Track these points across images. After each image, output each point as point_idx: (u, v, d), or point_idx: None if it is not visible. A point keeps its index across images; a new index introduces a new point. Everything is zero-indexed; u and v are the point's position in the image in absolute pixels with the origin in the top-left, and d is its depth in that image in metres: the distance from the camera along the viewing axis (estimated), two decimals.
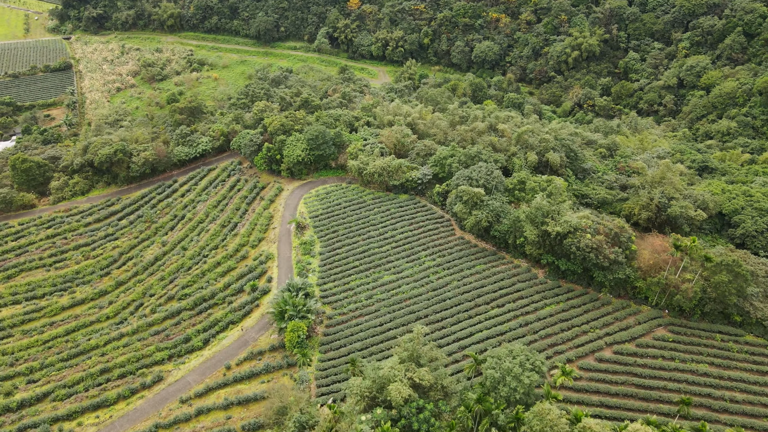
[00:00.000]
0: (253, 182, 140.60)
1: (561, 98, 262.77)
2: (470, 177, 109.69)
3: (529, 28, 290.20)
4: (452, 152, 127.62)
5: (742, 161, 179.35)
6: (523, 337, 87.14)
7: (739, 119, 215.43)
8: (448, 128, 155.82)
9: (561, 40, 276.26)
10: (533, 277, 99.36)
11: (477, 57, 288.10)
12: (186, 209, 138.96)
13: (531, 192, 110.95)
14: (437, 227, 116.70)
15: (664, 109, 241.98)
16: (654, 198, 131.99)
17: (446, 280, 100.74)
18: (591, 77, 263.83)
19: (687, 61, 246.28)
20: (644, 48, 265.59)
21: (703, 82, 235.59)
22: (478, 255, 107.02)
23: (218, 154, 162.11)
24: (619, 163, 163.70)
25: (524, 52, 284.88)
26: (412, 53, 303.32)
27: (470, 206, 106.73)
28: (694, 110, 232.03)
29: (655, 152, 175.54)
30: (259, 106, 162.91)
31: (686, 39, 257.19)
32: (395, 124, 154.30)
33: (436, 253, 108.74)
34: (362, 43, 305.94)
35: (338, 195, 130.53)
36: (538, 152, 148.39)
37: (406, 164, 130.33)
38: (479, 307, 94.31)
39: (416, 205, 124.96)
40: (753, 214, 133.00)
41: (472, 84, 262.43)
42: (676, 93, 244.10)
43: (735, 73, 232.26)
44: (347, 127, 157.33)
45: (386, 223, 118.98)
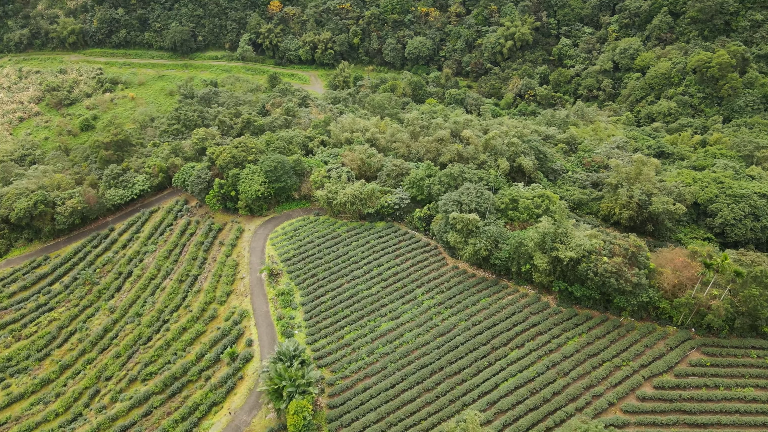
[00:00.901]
0: (207, 224, 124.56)
1: (501, 90, 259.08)
2: (459, 201, 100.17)
3: (459, 21, 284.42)
4: (429, 171, 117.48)
5: (693, 143, 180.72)
6: (554, 382, 78.90)
7: (677, 99, 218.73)
8: (410, 140, 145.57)
9: (494, 31, 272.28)
10: (545, 306, 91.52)
11: (410, 54, 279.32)
12: (132, 264, 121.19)
13: (526, 211, 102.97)
14: (426, 257, 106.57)
15: (604, 94, 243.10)
16: (634, 196, 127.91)
17: (452, 321, 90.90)
18: (528, 66, 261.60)
19: (619, 44, 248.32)
20: (575, 33, 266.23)
21: (637, 65, 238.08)
22: (479, 286, 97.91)
23: (158, 192, 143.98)
24: (584, 158, 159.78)
25: (458, 45, 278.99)
26: (342, 55, 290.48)
27: (465, 234, 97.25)
28: (632, 93, 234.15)
29: (613, 143, 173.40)
30: (198, 133, 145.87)
31: (615, 22, 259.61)
32: (354, 141, 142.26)
33: (433, 289, 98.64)
34: (289, 48, 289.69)
35: (308, 231, 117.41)
36: (509, 158, 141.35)
37: (379, 189, 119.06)
38: (497, 350, 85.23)
39: (397, 234, 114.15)
40: (728, 201, 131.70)
41: (410, 83, 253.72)
42: (612, 77, 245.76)
43: (666, 53, 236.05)
44: (302, 150, 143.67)
45: (369, 259, 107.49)
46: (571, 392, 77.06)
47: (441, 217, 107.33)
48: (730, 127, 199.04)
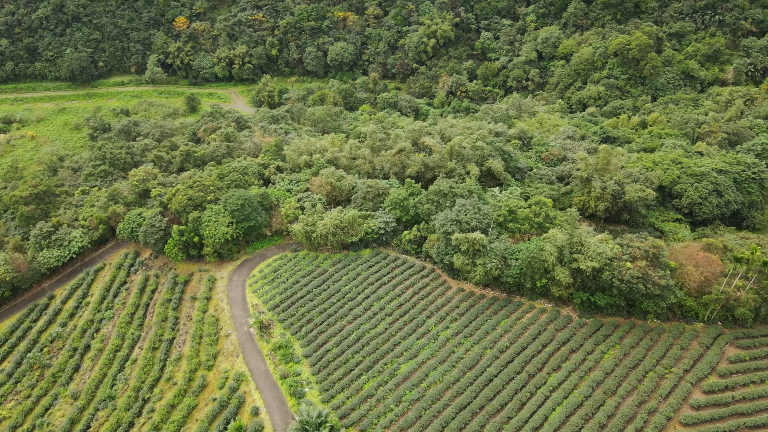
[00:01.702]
0: (169, 278, 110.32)
1: (432, 89, 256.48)
2: (458, 220, 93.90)
3: (378, 23, 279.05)
4: (411, 190, 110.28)
5: (633, 125, 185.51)
6: (603, 403, 74.63)
7: (604, 82, 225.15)
8: (371, 156, 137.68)
9: (415, 30, 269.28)
10: (568, 320, 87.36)
11: (333, 60, 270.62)
12: (87, 336, 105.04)
13: (526, 221, 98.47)
14: (426, 283, 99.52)
15: (532, 84, 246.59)
16: (608, 187, 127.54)
17: (477, 352, 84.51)
18: (454, 63, 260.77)
19: (539, 33, 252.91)
20: (495, 26, 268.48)
21: (560, 52, 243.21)
22: (493, 307, 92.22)
23: (99, 247, 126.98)
24: (542, 152, 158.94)
25: (380, 47, 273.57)
26: (261, 68, 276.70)
27: (471, 255, 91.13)
28: (560, 80, 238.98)
29: (562, 133, 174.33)
30: (137, 174, 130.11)
31: (531, 12, 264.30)
32: (314, 164, 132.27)
33: (445, 318, 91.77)
34: (203, 66, 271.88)
35: (290, 270, 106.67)
36: (477, 162, 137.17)
37: (359, 214, 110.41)
38: (533, 377, 79.88)
39: (387, 261, 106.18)
40: (690, 181, 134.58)
41: (340, 91, 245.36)
42: (538, 66, 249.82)
43: (586, 39, 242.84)
44: (258, 179, 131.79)
45: (365, 293, 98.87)
46: (625, 412, 73.05)
47: (437, 237, 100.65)
48: (658, 105, 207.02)
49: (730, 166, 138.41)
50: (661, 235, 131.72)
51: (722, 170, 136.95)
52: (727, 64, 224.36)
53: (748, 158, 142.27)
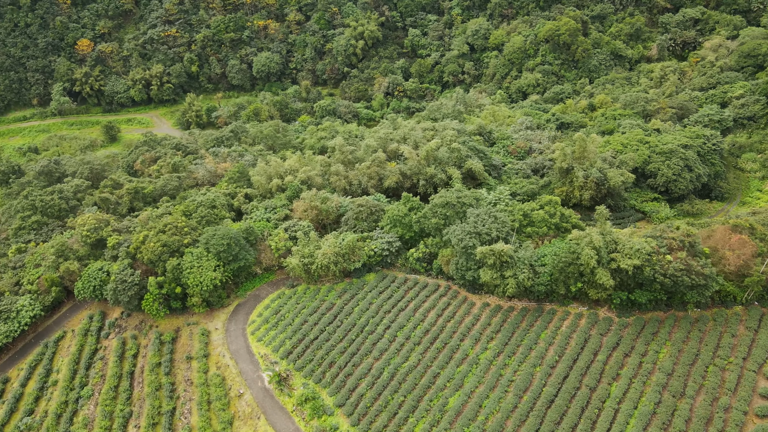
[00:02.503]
0: (153, 338, 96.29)
1: (368, 92, 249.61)
2: (477, 232, 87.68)
3: (301, 28, 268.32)
4: (411, 205, 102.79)
5: (581, 108, 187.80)
6: (676, 408, 71.11)
7: (539, 69, 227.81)
8: (346, 171, 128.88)
9: (341, 33, 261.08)
10: (609, 322, 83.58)
11: (259, 72, 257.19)
12: (64, 422, 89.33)
13: (543, 224, 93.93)
14: (447, 302, 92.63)
15: (469, 77, 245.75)
16: (591, 175, 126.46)
17: (526, 371, 78.80)
18: (386, 63, 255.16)
19: (468, 26, 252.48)
20: (421, 23, 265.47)
21: (492, 43, 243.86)
22: (527, 319, 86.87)
23: (52, 312, 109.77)
24: (508, 146, 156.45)
25: (307, 54, 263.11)
26: (183, 87, 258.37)
27: (499, 268, 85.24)
28: (496, 71, 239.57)
29: (520, 125, 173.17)
30: (87, 223, 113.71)
31: (456, 5, 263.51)
32: (287, 187, 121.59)
33: (479, 338, 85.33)
34: (117, 90, 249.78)
35: (292, 309, 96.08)
36: (455, 164, 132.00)
37: (357, 237, 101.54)
38: (595, 390, 75.22)
39: (397, 283, 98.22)
40: (661, 159, 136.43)
41: (274, 103, 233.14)
42: (471, 59, 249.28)
43: (515, 28, 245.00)
44: (228, 211, 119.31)
45: (384, 323, 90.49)
46: (701, 414, 69.91)
47: (451, 253, 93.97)
48: (596, 87, 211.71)
49: (692, 141, 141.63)
50: (643, 216, 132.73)
51: (687, 145, 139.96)
52: (649, 42, 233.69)
53: (706, 131, 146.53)
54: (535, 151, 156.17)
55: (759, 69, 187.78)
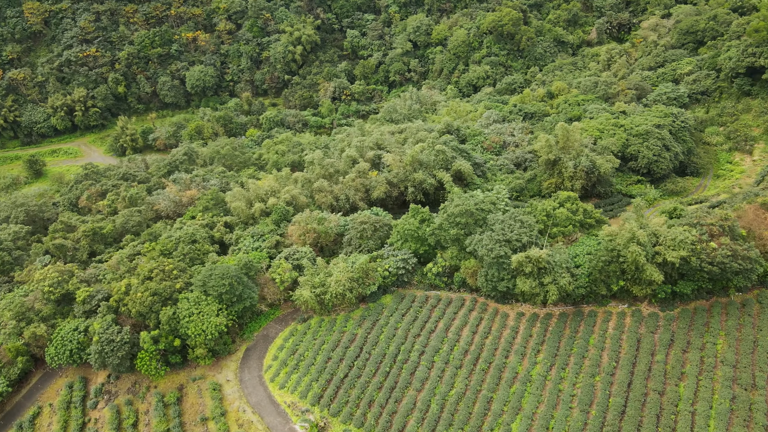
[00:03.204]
0: (153, 402, 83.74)
1: (313, 98, 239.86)
2: (507, 239, 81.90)
3: (233, 38, 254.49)
4: (420, 217, 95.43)
5: (540, 97, 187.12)
6: (752, 402, 68.27)
7: (486, 61, 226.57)
8: (331, 186, 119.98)
9: (277, 40, 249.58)
10: (654, 317, 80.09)
11: (194, 87, 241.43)
12: None
13: (568, 222, 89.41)
14: (479, 317, 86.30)
15: (416, 74, 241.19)
16: (580, 163, 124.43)
17: (586, 382, 73.85)
18: (329, 67, 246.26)
19: (408, 23, 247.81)
20: (359, 23, 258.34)
21: (435, 38, 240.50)
22: (570, 326, 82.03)
23: (20, 386, 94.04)
24: (483, 142, 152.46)
25: (243, 64, 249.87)
26: (110, 110, 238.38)
27: (537, 276, 79.87)
28: (443, 66, 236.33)
29: (487, 119, 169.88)
30: (47, 276, 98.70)
31: (393, 3, 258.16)
32: (272, 212, 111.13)
33: (526, 352, 79.64)
34: (35, 120, 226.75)
35: (311, 346, 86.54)
36: (443, 168, 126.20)
37: (367, 257, 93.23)
38: (664, 394, 71.15)
39: (418, 302, 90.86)
40: (639, 141, 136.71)
41: (217, 119, 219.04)
42: (416, 55, 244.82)
43: (456, 21, 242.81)
44: (210, 243, 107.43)
45: (417, 349, 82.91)
46: None
47: (477, 263, 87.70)
48: (547, 74, 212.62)
49: (662, 120, 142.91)
50: (631, 200, 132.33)
51: (659, 125, 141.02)
52: (586, 26, 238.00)
53: (674, 109, 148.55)
54: (509, 145, 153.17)
55: (699, 44, 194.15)
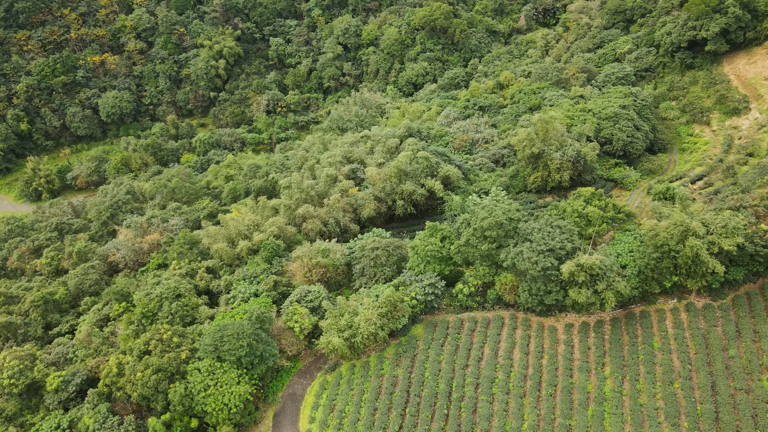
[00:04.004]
0: None
1: (246, 114, 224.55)
2: (550, 249, 75.39)
3: (146, 58, 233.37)
4: (440, 234, 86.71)
5: (490, 89, 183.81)
6: None
7: (422, 57, 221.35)
8: (317, 210, 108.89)
9: (197, 55, 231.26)
10: (709, 308, 76.41)
11: (110, 115, 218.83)
12: None
13: (599, 220, 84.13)
14: (526, 334, 79.28)
15: (351, 78, 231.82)
16: (566, 153, 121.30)
17: (669, 392, 68.34)
18: (257, 79, 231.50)
19: (334, 26, 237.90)
20: (282, 30, 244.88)
21: (366, 39, 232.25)
22: (628, 331, 76.69)
23: None
24: (452, 142, 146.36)
25: (162, 85, 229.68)
26: (14, 151, 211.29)
27: (591, 284, 73.97)
28: (378, 67, 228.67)
29: (446, 117, 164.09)
30: (4, 366, 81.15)
31: (314, 6, 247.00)
32: (260, 249, 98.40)
33: (590, 368, 73.47)
34: None
35: (351, 399, 75.70)
36: (431, 176, 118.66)
37: (389, 290, 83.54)
38: (750, 394, 67.08)
39: (454, 328, 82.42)
40: (610, 124, 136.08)
41: (146, 148, 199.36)
42: (348, 58, 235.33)
43: (384, 20, 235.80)
44: (197, 295, 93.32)
45: (469, 381, 74.48)
46: None
47: (512, 279, 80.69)
48: (487, 66, 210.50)
49: (625, 100, 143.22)
50: (615, 184, 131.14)
51: (624, 106, 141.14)
52: (513, 14, 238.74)
53: (633, 89, 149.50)
54: (478, 142, 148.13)
55: (629, 23, 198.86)
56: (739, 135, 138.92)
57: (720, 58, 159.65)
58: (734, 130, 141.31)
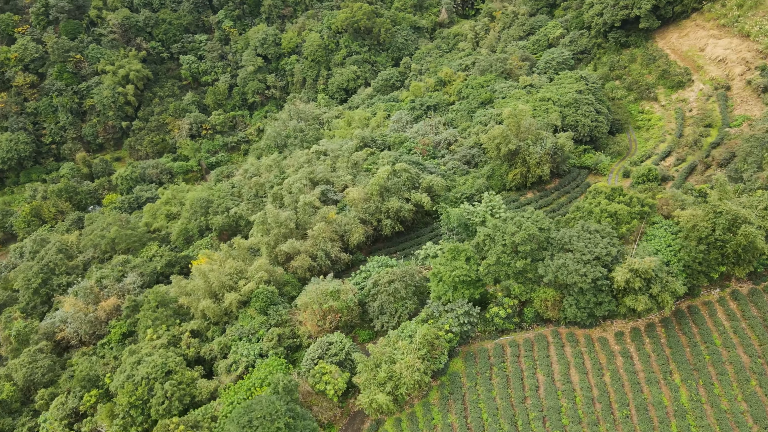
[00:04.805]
0: None
1: (168, 141, 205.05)
2: (596, 257, 68.99)
3: (39, 91, 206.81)
4: (463, 255, 77.76)
5: (432, 87, 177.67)
6: None
7: (350, 61, 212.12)
8: (303, 245, 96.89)
9: (99, 83, 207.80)
10: (756, 294, 73.00)
11: (6, 161, 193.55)
12: None
13: (628, 217, 78.61)
14: (577, 352, 72.41)
15: (276, 90, 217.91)
16: (544, 147, 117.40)
17: (750, 393, 63.30)
18: (173, 102, 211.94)
19: (249, 36, 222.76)
20: (192, 46, 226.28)
21: (287, 48, 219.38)
22: (682, 329, 71.94)
23: None
24: (416, 147, 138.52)
25: (62, 120, 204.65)
26: None
27: (646, 289, 68.37)
28: (305, 75, 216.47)
29: (398, 122, 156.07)
30: None
31: (224, 18, 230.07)
32: (253, 300, 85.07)
33: (660, 378, 67.86)
34: None
35: None
36: (418, 188, 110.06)
37: (425, 327, 73.95)
38: None
39: (498, 358, 73.94)
40: (572, 110, 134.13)
41: (58, 194, 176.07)
42: (270, 70, 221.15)
43: (303, 26, 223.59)
44: (188, 366, 78.67)
45: (536, 416, 66.72)
46: None
47: (554, 293, 73.83)
48: (419, 62, 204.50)
49: (578, 85, 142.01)
50: (589, 171, 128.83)
51: (581, 91, 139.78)
52: (432, 8, 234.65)
53: (582, 72, 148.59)
54: (441, 144, 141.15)
55: (553, 6, 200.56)
56: (689, 107, 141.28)
57: (653, 34, 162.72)
58: (683, 103, 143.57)
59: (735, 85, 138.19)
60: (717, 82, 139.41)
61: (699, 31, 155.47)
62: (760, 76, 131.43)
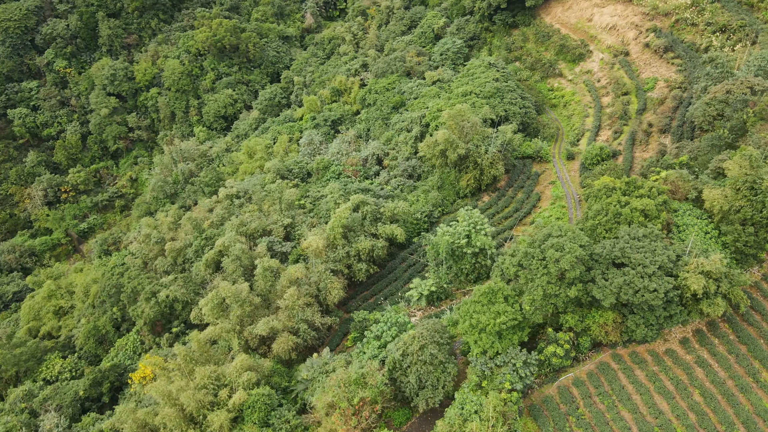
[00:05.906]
0: None
1: (19, 217, 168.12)
2: (659, 267, 59.85)
3: None
4: (499, 295, 64.64)
5: (329, 99, 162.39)
6: None
7: (221, 85, 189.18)
8: (279, 321, 78.06)
9: None
10: None
11: None
12: None
13: (656, 210, 70.34)
14: (649, 373, 62.99)
15: (143, 131, 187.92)
16: (498, 144, 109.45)
17: None
18: (15, 168, 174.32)
19: (93, 74, 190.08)
20: (21, 97, 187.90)
21: (143, 81, 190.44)
22: (749, 323, 65.96)
23: None
24: (345, 170, 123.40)
25: None
26: None
27: (717, 289, 60.76)
28: (172, 108, 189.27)
29: (308, 144, 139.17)
30: None
31: (54, 58, 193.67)
32: (248, 412, 65.22)
33: (753, 381, 61.17)
34: None
35: None
36: (374, 221, 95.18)
37: (493, 398, 60.31)
38: None
39: (570, 405, 62.19)
40: (497, 101, 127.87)
41: None
42: (128, 109, 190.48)
43: (157, 53, 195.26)
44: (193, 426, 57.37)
45: None
46: None
47: (614, 316, 64.12)
48: (304, 75, 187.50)
49: (490, 73, 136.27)
50: (532, 160, 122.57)
51: (497, 79, 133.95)
52: (293, 14, 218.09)
53: (489, 58, 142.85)
54: (367, 162, 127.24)
55: None
56: (597, 78, 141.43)
57: (538, 12, 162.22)
58: (588, 75, 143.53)
59: (632, 49, 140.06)
60: (615, 50, 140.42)
61: (582, 2, 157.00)
62: (656, 37, 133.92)
